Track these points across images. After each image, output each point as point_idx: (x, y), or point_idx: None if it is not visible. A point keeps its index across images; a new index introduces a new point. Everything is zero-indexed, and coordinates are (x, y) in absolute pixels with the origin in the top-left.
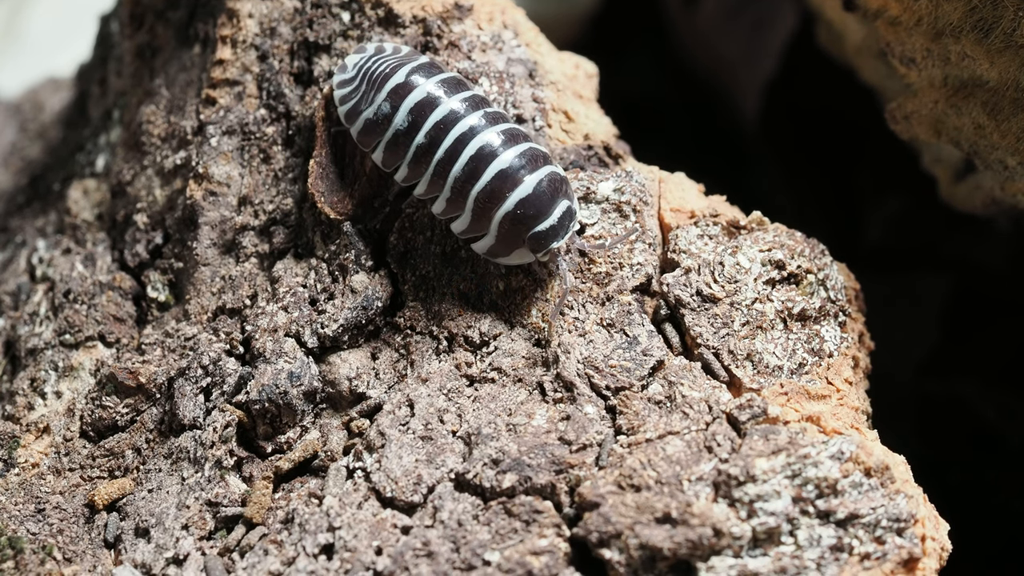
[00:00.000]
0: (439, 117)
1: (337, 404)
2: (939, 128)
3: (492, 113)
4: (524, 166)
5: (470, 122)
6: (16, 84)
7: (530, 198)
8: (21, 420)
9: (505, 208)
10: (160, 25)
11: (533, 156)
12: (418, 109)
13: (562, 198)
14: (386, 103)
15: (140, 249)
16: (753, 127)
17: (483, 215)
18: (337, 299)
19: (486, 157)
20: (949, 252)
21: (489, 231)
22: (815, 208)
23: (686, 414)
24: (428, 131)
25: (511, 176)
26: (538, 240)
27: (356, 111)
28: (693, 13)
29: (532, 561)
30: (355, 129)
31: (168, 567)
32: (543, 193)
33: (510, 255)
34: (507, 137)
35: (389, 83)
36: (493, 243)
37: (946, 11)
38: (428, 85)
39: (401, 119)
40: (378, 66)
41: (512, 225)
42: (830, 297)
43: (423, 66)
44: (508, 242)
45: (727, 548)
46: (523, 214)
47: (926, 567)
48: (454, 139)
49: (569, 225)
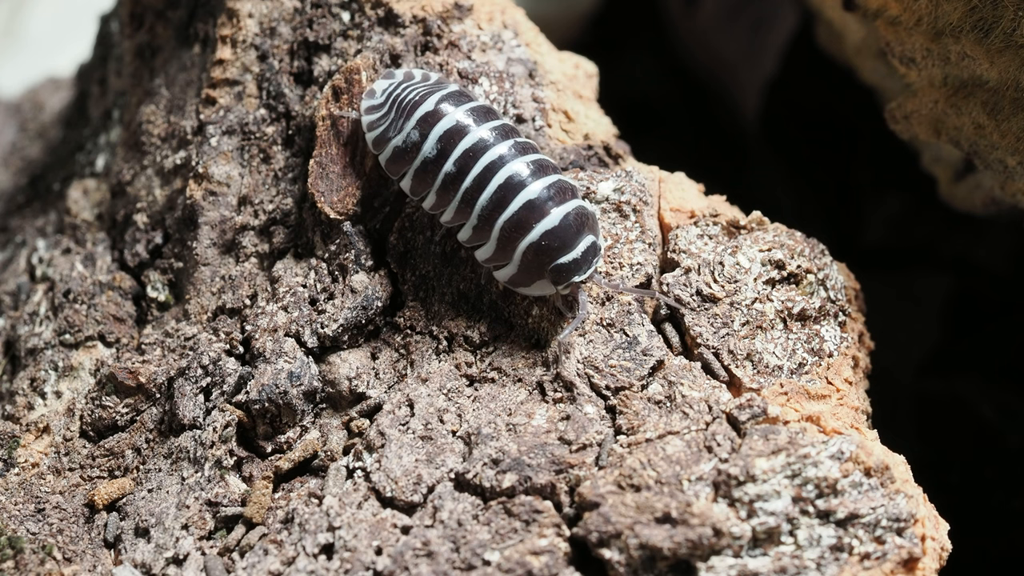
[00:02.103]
0: (468, 145)
1: (337, 404)
2: (939, 128)
3: (522, 143)
4: (552, 198)
5: (499, 151)
6: (16, 84)
7: (556, 230)
8: (21, 420)
9: (530, 238)
10: (160, 25)
11: (561, 188)
12: (447, 137)
13: (588, 233)
14: (415, 131)
15: (140, 249)
16: (753, 127)
17: (508, 244)
18: (337, 299)
19: (514, 187)
20: (949, 252)
21: (512, 260)
22: (815, 208)
23: (686, 414)
24: (456, 159)
25: (538, 207)
26: (560, 272)
27: (384, 138)
28: (693, 13)
29: (532, 561)
30: (383, 156)
31: (168, 567)
32: (569, 226)
33: (531, 285)
34: (536, 167)
35: (418, 111)
36: (515, 272)
37: (946, 11)
38: (457, 113)
39: (430, 147)
40: (407, 93)
41: (535, 256)
42: (830, 297)
43: (453, 94)
44: (530, 272)
45: (727, 548)
46: (547, 245)
47: (926, 567)
48: (482, 168)
49: (592, 260)
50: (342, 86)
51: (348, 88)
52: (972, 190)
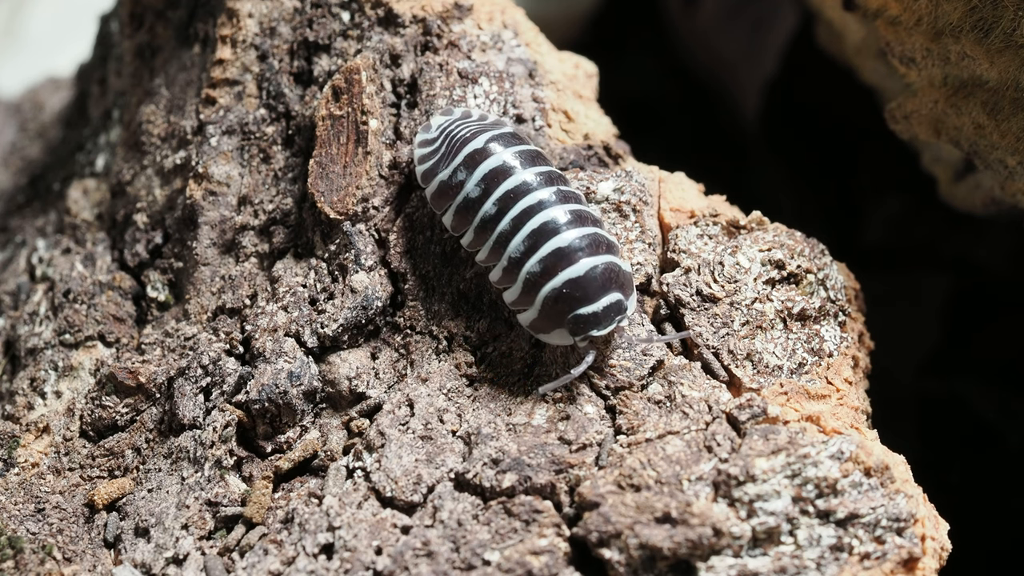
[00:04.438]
0: (510, 187)
1: (337, 404)
2: (939, 128)
3: (565, 191)
4: (583, 248)
5: (539, 196)
6: (16, 84)
7: (579, 280)
8: (21, 420)
9: (552, 284)
10: (160, 25)
11: (596, 242)
12: (491, 177)
13: (615, 290)
14: (462, 168)
15: (140, 249)
16: (753, 127)
17: (532, 289)
18: (337, 299)
19: (547, 233)
20: (949, 252)
21: (534, 304)
22: (815, 208)
23: (686, 414)
24: (497, 199)
25: (567, 255)
26: (578, 323)
27: (432, 172)
28: (693, 13)
29: (532, 561)
30: (429, 190)
31: (168, 567)
32: (594, 279)
33: (551, 333)
34: (574, 217)
35: (467, 148)
36: (536, 317)
37: (946, 11)
38: (505, 154)
39: (473, 185)
40: (460, 130)
41: (555, 303)
42: (830, 297)
43: (504, 135)
44: (550, 319)
45: (727, 548)
46: (568, 294)
47: (926, 567)
48: (520, 211)
49: (615, 318)
50: (342, 86)
51: (348, 88)
52: (972, 190)
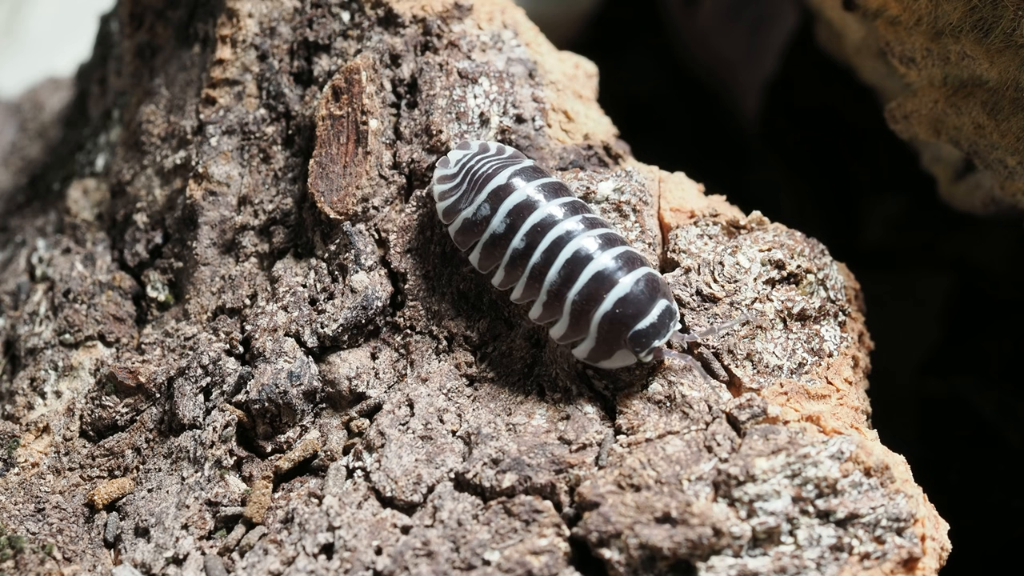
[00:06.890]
0: (536, 220)
1: (337, 404)
2: (939, 128)
3: (591, 218)
4: (620, 268)
5: (567, 226)
6: (16, 84)
7: (628, 297)
8: (21, 420)
9: (603, 308)
10: (160, 25)
11: (629, 258)
12: (516, 212)
13: (661, 297)
14: (486, 204)
15: (140, 249)
16: (753, 127)
17: (581, 318)
18: (337, 299)
19: (582, 260)
20: (949, 252)
21: (588, 334)
22: (815, 208)
23: (686, 414)
24: (525, 234)
25: (607, 277)
26: (639, 339)
27: (455, 209)
28: (693, 13)
29: (532, 561)
30: (453, 228)
31: (168, 567)
32: (641, 292)
33: (612, 357)
34: (604, 241)
35: (490, 184)
36: (594, 346)
37: (946, 11)
38: (528, 188)
39: (499, 221)
40: (481, 165)
41: (611, 325)
42: (830, 297)
43: (525, 169)
44: (609, 344)
45: (727, 548)
46: (622, 313)
47: (926, 567)
48: (550, 243)
49: (670, 324)
50: (342, 86)
51: (348, 88)
52: (972, 190)
